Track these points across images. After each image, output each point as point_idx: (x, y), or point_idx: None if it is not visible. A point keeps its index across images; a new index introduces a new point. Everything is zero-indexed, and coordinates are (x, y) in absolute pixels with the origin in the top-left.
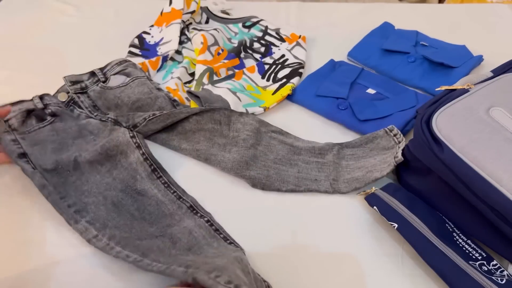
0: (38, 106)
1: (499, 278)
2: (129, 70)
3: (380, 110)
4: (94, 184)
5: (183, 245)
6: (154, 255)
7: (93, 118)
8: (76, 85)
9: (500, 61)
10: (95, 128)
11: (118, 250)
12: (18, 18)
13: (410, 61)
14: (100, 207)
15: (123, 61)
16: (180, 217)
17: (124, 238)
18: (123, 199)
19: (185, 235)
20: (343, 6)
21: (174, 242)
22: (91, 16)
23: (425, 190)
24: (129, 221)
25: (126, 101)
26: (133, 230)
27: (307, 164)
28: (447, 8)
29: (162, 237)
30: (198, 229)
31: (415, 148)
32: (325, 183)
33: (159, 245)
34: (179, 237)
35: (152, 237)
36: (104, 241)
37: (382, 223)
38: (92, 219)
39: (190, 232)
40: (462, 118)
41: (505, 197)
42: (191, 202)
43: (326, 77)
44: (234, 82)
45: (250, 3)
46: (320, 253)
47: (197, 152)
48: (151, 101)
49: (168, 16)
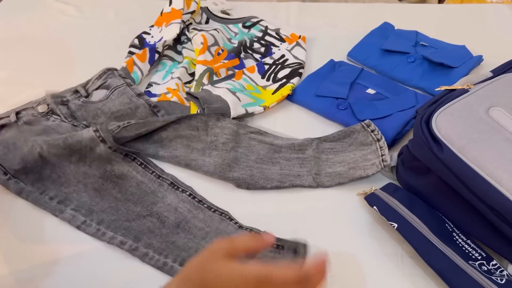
0: (12, 120)
1: (499, 278)
2: (109, 82)
3: (379, 110)
4: (71, 174)
5: (171, 223)
6: (147, 238)
7: (66, 123)
8: (57, 98)
9: (500, 61)
10: (65, 130)
11: (110, 235)
12: (18, 18)
13: (410, 61)
14: (82, 194)
15: (102, 73)
16: (162, 194)
17: (113, 221)
18: (104, 184)
19: (171, 212)
20: (343, 6)
21: (163, 222)
22: (91, 16)
23: (424, 190)
24: (113, 203)
25: (106, 111)
26: (120, 212)
27: (288, 161)
28: (447, 8)
29: (149, 216)
30: (182, 204)
31: (414, 148)
32: (308, 177)
33: (149, 226)
34: (166, 215)
35: (140, 217)
36: (94, 226)
37: (382, 223)
38: (77, 206)
39: (175, 208)
40: (461, 118)
41: (505, 197)
42: (171, 179)
43: (326, 77)
44: (234, 82)
45: (250, 3)
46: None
47: (177, 159)
48: (131, 112)
49: (168, 16)
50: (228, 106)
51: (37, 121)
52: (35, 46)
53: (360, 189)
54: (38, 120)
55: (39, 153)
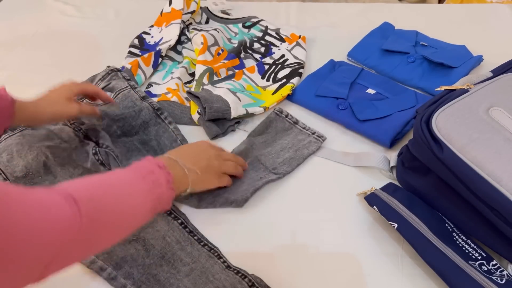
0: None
1: (499, 278)
2: (113, 84)
3: (379, 110)
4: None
5: (156, 253)
6: (128, 266)
7: (68, 126)
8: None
9: (500, 61)
10: (67, 136)
11: (92, 259)
12: (18, 18)
13: (410, 61)
14: None
15: (106, 74)
16: (154, 219)
17: None
18: None
19: (158, 241)
20: (343, 6)
21: (148, 250)
22: (91, 16)
23: (424, 190)
24: None
25: (110, 114)
26: None
27: (248, 176)
28: (447, 8)
29: (135, 242)
30: (172, 233)
31: (414, 148)
32: (270, 174)
33: (132, 253)
34: (152, 243)
35: (126, 242)
36: None
37: (382, 223)
38: None
39: (163, 237)
40: (461, 118)
41: (505, 197)
42: None
43: (326, 77)
44: (234, 82)
45: (250, 3)
46: (320, 253)
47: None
48: (134, 114)
49: (168, 16)
50: (229, 106)
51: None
52: (35, 46)
53: (360, 189)
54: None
55: (44, 162)
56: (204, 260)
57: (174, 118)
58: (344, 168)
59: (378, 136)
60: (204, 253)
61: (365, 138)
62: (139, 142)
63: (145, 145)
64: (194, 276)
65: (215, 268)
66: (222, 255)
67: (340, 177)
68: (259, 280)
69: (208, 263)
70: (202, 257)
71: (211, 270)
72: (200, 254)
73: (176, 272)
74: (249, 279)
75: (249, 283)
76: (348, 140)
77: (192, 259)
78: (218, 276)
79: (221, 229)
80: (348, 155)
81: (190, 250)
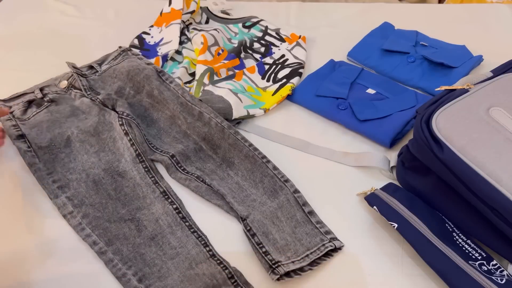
0: (38, 96)
1: (499, 278)
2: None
3: (380, 110)
4: (80, 162)
5: (147, 234)
6: (119, 243)
7: (86, 97)
8: (78, 70)
9: (500, 61)
10: (87, 106)
11: (88, 232)
12: (18, 18)
13: (410, 61)
14: (81, 183)
15: (117, 55)
16: (151, 201)
17: (96, 218)
18: (104, 178)
19: (151, 223)
20: (343, 6)
21: (140, 231)
22: (91, 16)
23: (424, 190)
24: (104, 199)
25: (122, 71)
26: (106, 210)
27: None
28: (447, 8)
29: (130, 221)
30: (165, 216)
31: (414, 148)
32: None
33: (125, 232)
34: (145, 225)
35: (121, 220)
36: (77, 219)
37: (382, 223)
38: (72, 195)
39: (156, 220)
40: (461, 118)
41: (505, 197)
42: (164, 187)
43: (326, 77)
44: (235, 82)
45: (250, 3)
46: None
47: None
48: (139, 71)
49: (167, 16)
50: (231, 107)
51: (62, 98)
52: (35, 46)
53: (360, 189)
54: (63, 97)
55: (68, 136)
56: (191, 246)
57: None
58: (344, 168)
59: (378, 136)
60: (192, 240)
61: (365, 138)
62: (147, 96)
63: (151, 97)
64: (178, 260)
65: (199, 256)
66: (209, 243)
67: (340, 177)
68: (239, 274)
69: (194, 251)
70: (189, 244)
71: (195, 258)
72: (188, 241)
73: (162, 254)
74: (229, 271)
75: (229, 275)
76: (348, 140)
77: (179, 244)
78: (201, 265)
79: (220, 224)
80: (348, 155)
81: (180, 235)
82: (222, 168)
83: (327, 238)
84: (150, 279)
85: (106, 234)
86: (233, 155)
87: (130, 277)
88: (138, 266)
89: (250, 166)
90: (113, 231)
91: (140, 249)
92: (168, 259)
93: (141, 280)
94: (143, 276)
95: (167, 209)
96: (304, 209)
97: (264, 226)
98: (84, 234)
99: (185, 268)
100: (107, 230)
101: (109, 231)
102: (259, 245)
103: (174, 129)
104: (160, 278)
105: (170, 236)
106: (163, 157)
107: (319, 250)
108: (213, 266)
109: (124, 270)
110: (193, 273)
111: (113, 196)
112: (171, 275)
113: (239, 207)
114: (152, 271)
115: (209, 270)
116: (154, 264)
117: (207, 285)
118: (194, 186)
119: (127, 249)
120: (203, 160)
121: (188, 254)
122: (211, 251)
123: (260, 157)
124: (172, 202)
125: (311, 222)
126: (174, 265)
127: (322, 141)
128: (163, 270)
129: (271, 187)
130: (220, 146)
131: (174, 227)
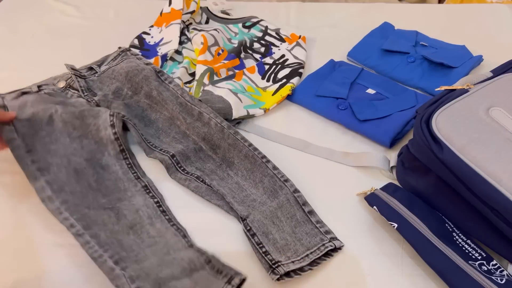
0: (34, 90)
1: (499, 278)
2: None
3: (379, 110)
4: (62, 145)
5: (126, 223)
6: (97, 228)
7: (82, 98)
8: (76, 71)
9: (500, 61)
10: (81, 105)
11: (66, 216)
12: (18, 18)
13: (410, 61)
14: (62, 169)
15: (117, 55)
16: (132, 193)
17: (74, 205)
18: (86, 168)
19: (131, 212)
20: (343, 6)
21: (119, 219)
22: (91, 16)
23: (424, 190)
24: (85, 189)
25: (121, 72)
26: (85, 199)
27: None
28: (447, 8)
29: (109, 210)
30: (146, 208)
31: (414, 148)
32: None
33: (104, 219)
34: (125, 213)
35: (101, 208)
36: (56, 204)
37: (382, 223)
38: (52, 180)
39: (136, 210)
40: (461, 118)
41: (505, 197)
42: (146, 182)
43: (326, 77)
44: (235, 83)
45: (250, 3)
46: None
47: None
48: (137, 72)
49: (167, 16)
50: (230, 107)
51: (57, 94)
52: (35, 46)
53: (360, 189)
54: (59, 94)
55: (50, 114)
56: (170, 236)
57: None
58: (344, 168)
59: (378, 136)
60: (171, 232)
61: (365, 138)
62: (146, 97)
63: (149, 98)
64: (156, 248)
65: (178, 245)
66: (187, 235)
67: (340, 177)
68: (217, 258)
69: (172, 240)
70: (168, 234)
71: (174, 246)
72: (167, 231)
73: (140, 241)
74: (207, 256)
75: (206, 260)
76: (348, 140)
77: (158, 234)
78: (179, 252)
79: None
80: (348, 155)
81: (159, 226)
82: (222, 168)
83: (327, 237)
84: (126, 262)
85: (85, 219)
86: (233, 155)
87: (106, 258)
88: (115, 250)
89: (250, 166)
90: (92, 217)
91: (118, 236)
92: (146, 246)
93: (117, 263)
94: (120, 259)
95: (147, 202)
96: (304, 208)
97: (264, 226)
98: (62, 217)
99: (163, 253)
100: (86, 216)
101: (88, 217)
102: (259, 245)
103: (173, 129)
104: (137, 261)
105: (149, 227)
106: (163, 156)
107: (319, 250)
108: (191, 253)
109: (100, 252)
110: (171, 257)
111: (94, 187)
112: (148, 259)
113: (239, 207)
114: (129, 256)
115: (187, 256)
116: (132, 250)
117: (184, 268)
118: (194, 186)
119: (104, 234)
120: (202, 160)
121: (167, 243)
122: (189, 242)
123: (260, 157)
124: (153, 196)
125: (311, 221)
126: (152, 251)
127: (322, 141)
128: (140, 255)
129: (271, 187)
130: (220, 146)
131: (154, 219)
